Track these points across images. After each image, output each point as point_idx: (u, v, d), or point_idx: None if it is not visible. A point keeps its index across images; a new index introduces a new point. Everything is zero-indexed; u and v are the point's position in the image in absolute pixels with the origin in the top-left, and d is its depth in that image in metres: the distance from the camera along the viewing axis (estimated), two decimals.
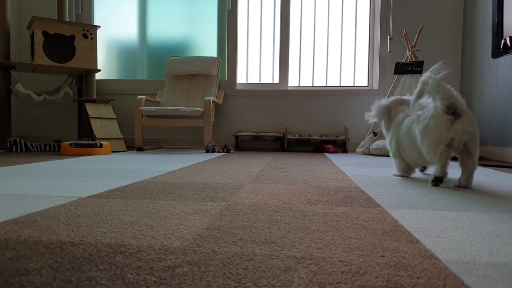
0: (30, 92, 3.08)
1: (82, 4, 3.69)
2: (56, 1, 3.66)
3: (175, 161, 2.10)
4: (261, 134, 3.35)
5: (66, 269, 0.50)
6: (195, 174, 1.54)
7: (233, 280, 0.47)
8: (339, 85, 3.57)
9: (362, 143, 3.05)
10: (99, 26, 3.27)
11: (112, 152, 2.86)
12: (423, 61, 2.83)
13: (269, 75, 3.64)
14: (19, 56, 3.72)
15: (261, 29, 3.64)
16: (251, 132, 3.43)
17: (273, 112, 3.53)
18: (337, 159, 2.46)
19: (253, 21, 3.64)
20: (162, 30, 3.73)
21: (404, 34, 2.99)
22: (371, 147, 2.92)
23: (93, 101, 3.14)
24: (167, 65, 3.47)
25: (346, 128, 3.27)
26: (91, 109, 3.02)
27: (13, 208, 0.86)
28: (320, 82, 3.60)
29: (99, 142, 2.62)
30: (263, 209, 0.89)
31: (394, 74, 2.98)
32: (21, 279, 0.46)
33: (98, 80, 3.68)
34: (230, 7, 3.54)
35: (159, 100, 3.39)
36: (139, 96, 3.05)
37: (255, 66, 3.66)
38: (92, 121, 2.96)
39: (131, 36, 3.76)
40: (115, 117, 3.16)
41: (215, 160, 2.22)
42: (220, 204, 0.94)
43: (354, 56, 3.54)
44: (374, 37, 3.46)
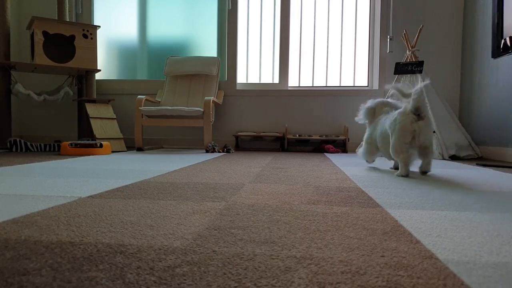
0: (30, 92, 3.08)
1: (82, 4, 3.69)
2: (56, 1, 3.66)
3: (175, 161, 2.10)
4: (261, 134, 3.35)
5: (66, 269, 0.50)
6: (195, 174, 1.54)
7: (233, 280, 0.47)
8: (339, 85, 3.57)
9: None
10: (99, 26, 3.27)
11: (112, 152, 2.86)
12: (423, 61, 2.83)
13: (269, 75, 3.64)
14: (19, 56, 3.72)
15: (261, 29, 3.64)
16: (251, 132, 3.43)
17: (273, 112, 3.53)
18: (337, 159, 2.46)
19: (253, 21, 3.64)
20: (162, 30, 3.73)
21: (404, 34, 2.99)
22: None
23: (93, 101, 3.14)
24: (167, 65, 3.47)
25: (346, 128, 3.27)
26: (91, 109, 3.02)
27: (13, 208, 0.86)
28: (320, 82, 3.60)
29: (99, 142, 2.62)
30: (263, 209, 0.89)
31: (394, 74, 2.98)
32: (21, 279, 0.46)
33: (98, 80, 3.68)
34: (230, 7, 3.54)
35: (159, 100, 3.39)
36: (139, 96, 3.05)
37: (255, 66, 3.66)
38: (92, 121, 2.96)
39: (131, 36, 3.76)
40: (115, 117, 3.16)
41: (215, 160, 2.22)
42: (220, 204, 0.94)
43: (354, 56, 3.54)
44: (374, 37, 3.46)
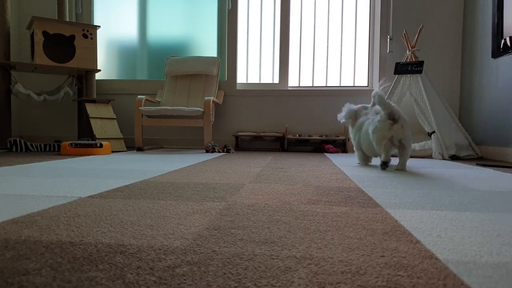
0: (30, 92, 3.08)
1: (82, 4, 3.69)
2: (56, 1, 3.66)
3: (175, 161, 2.10)
4: (261, 134, 3.35)
5: (66, 269, 0.49)
6: (195, 174, 1.54)
7: (233, 280, 0.47)
8: (339, 85, 3.57)
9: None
10: (99, 26, 3.27)
11: (112, 152, 2.86)
12: (423, 61, 2.83)
13: (269, 75, 3.64)
14: (19, 56, 3.72)
15: (261, 29, 3.64)
16: (251, 132, 3.43)
17: (273, 112, 3.53)
18: (337, 159, 2.46)
19: (253, 21, 3.64)
20: (162, 30, 3.73)
21: (404, 34, 2.99)
22: None
23: (93, 101, 3.14)
24: (167, 65, 3.47)
25: (346, 128, 3.27)
26: (91, 109, 3.02)
27: (13, 208, 0.86)
28: (320, 82, 3.60)
29: (99, 142, 2.62)
30: (263, 209, 0.89)
31: (394, 74, 2.98)
32: (21, 279, 0.46)
33: (98, 80, 3.68)
34: (230, 7, 3.54)
35: (159, 100, 3.39)
36: (139, 96, 3.05)
37: (255, 66, 3.66)
38: (92, 121, 2.96)
39: (131, 36, 3.76)
40: (115, 117, 3.16)
41: (215, 160, 2.22)
42: (220, 204, 0.94)
43: (354, 56, 3.54)
44: (374, 37, 3.46)
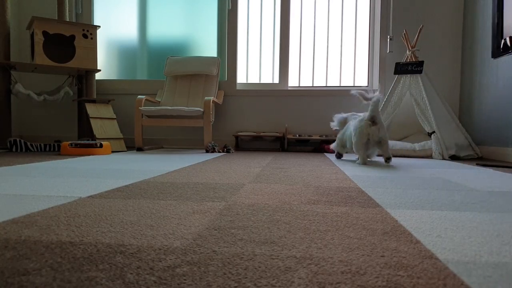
0: (30, 92, 3.08)
1: (82, 4, 3.69)
2: (56, 1, 3.66)
3: (175, 161, 2.10)
4: (261, 134, 3.35)
5: (66, 269, 0.49)
6: (195, 174, 1.54)
7: (233, 280, 0.47)
8: (339, 85, 3.57)
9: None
10: (99, 26, 3.27)
11: (112, 152, 2.86)
12: (423, 61, 2.83)
13: (269, 75, 3.64)
14: (19, 56, 3.72)
15: (261, 29, 3.64)
16: (251, 132, 3.43)
17: (273, 112, 3.53)
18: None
19: (253, 21, 3.64)
20: (162, 30, 3.73)
21: (404, 34, 2.99)
22: None
23: (93, 101, 3.14)
24: (167, 65, 3.47)
25: None
26: (91, 109, 3.02)
27: (13, 208, 0.86)
28: (320, 82, 3.60)
29: (99, 142, 2.62)
30: (263, 209, 0.89)
31: (394, 74, 2.98)
32: (21, 279, 0.46)
33: (98, 80, 3.68)
34: (230, 7, 3.54)
35: (159, 100, 3.39)
36: (139, 96, 3.05)
37: (255, 66, 3.66)
38: (92, 121, 2.96)
39: (131, 36, 3.76)
40: (115, 117, 3.16)
41: (215, 160, 2.22)
42: (220, 204, 0.94)
43: (354, 56, 3.54)
44: (374, 37, 3.46)
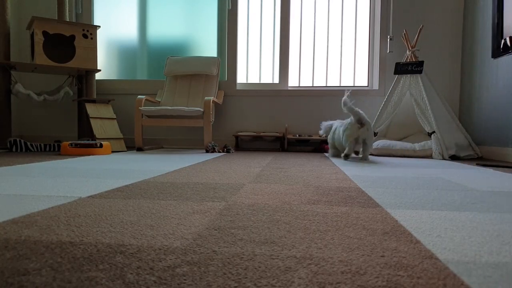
0: (30, 92, 3.08)
1: (82, 4, 3.69)
2: (56, 1, 3.66)
3: (175, 161, 2.10)
4: (261, 134, 3.35)
5: (66, 269, 0.49)
6: (195, 174, 1.54)
7: (233, 280, 0.47)
8: (339, 85, 3.57)
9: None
10: (99, 26, 3.27)
11: (112, 152, 2.86)
12: (423, 61, 2.83)
13: (269, 75, 3.64)
14: (19, 56, 3.72)
15: (261, 29, 3.64)
16: (251, 132, 3.43)
17: (273, 112, 3.53)
18: (337, 159, 2.46)
19: (253, 21, 3.64)
20: (162, 30, 3.73)
21: (404, 34, 2.99)
22: None
23: (93, 101, 3.14)
24: (167, 65, 3.47)
25: None
26: (91, 109, 3.02)
27: (13, 208, 0.86)
28: (320, 82, 3.60)
29: (99, 142, 2.62)
30: (263, 209, 0.89)
31: (394, 74, 2.98)
32: (21, 279, 0.46)
33: (98, 80, 3.68)
34: (230, 7, 3.54)
35: (159, 100, 3.39)
36: (139, 96, 3.05)
37: (255, 66, 3.66)
38: (92, 121, 2.96)
39: (131, 36, 3.76)
40: (115, 117, 3.16)
41: (215, 160, 2.22)
42: (220, 204, 0.94)
43: (354, 56, 3.54)
44: (374, 37, 3.46)
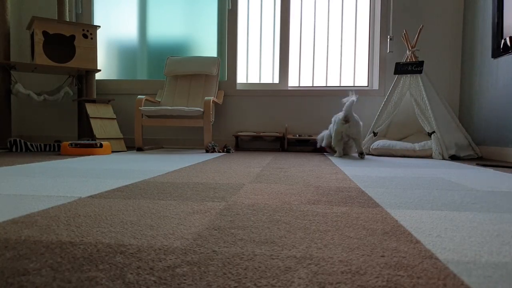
0: (30, 92, 3.08)
1: (82, 4, 3.69)
2: (56, 1, 3.66)
3: (175, 161, 2.10)
4: (261, 134, 3.35)
5: (66, 269, 0.49)
6: (195, 174, 1.54)
7: (233, 280, 0.47)
8: (339, 85, 3.57)
9: (362, 142, 3.05)
10: (99, 26, 3.27)
11: (112, 152, 2.86)
12: (423, 61, 2.83)
13: (269, 75, 3.64)
14: (19, 56, 3.72)
15: (261, 29, 3.63)
16: (251, 132, 3.43)
17: (273, 112, 3.53)
18: (337, 159, 2.46)
19: (253, 21, 3.64)
20: (162, 30, 3.73)
21: (404, 34, 2.99)
22: (371, 147, 2.92)
23: (93, 101, 3.14)
24: (167, 65, 3.47)
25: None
26: (91, 109, 3.02)
27: (13, 208, 0.86)
28: (320, 82, 3.60)
29: (99, 142, 2.62)
30: (263, 209, 0.89)
31: (394, 74, 2.98)
32: (21, 279, 0.46)
33: (98, 80, 3.68)
34: (230, 7, 3.54)
35: (159, 100, 3.39)
36: (139, 96, 3.05)
37: (255, 66, 3.66)
38: (92, 121, 2.96)
39: (131, 36, 3.76)
40: (115, 117, 3.16)
41: (215, 160, 2.22)
42: (220, 204, 0.94)
43: (354, 56, 3.54)
44: (374, 37, 3.46)
